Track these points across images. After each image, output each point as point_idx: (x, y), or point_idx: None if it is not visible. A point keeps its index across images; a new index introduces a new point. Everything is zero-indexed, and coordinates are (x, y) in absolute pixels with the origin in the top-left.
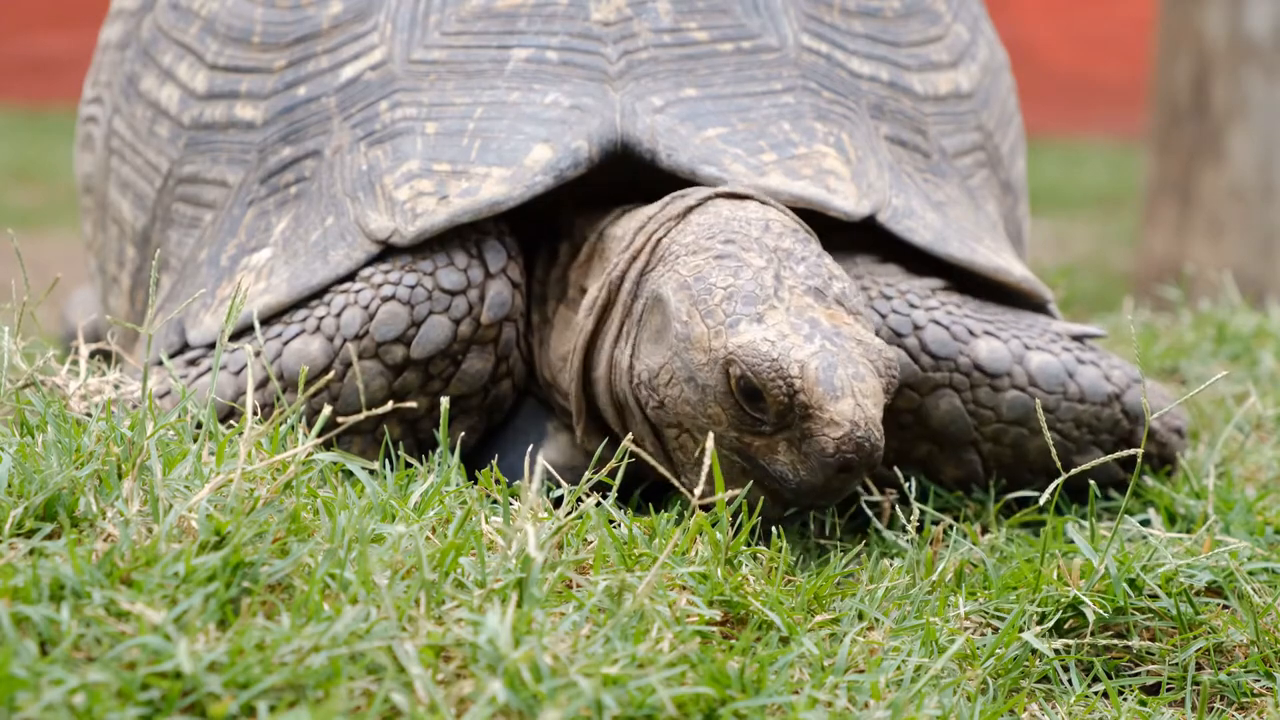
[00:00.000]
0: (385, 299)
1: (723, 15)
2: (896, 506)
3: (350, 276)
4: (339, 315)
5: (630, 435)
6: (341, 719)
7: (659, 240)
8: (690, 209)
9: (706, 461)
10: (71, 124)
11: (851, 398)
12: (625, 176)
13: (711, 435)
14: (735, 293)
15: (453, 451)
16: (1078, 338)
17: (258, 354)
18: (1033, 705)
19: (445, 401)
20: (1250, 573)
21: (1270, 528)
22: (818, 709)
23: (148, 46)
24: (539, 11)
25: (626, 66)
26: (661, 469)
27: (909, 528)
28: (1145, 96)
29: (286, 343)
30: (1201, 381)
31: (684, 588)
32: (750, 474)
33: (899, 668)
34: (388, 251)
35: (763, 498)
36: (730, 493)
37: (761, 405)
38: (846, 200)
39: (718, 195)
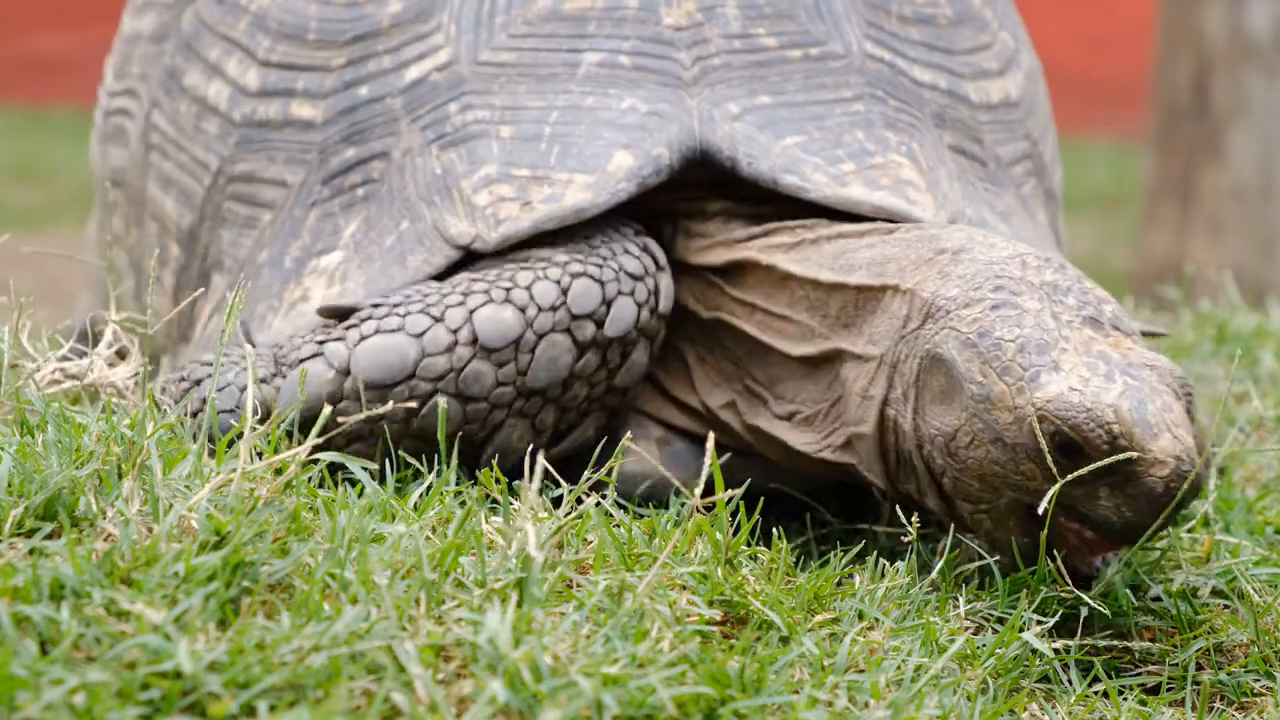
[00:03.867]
0: (575, 275)
1: (789, 21)
2: (897, 506)
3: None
4: (529, 287)
5: (630, 435)
6: (341, 719)
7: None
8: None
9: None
10: (72, 123)
11: (1168, 431)
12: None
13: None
14: (1025, 344)
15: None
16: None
17: (317, 356)
18: (1033, 705)
19: (443, 402)
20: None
21: (1270, 528)
22: (818, 709)
23: (190, 40)
24: (609, 15)
25: (701, 72)
26: (665, 473)
27: (910, 527)
28: (1145, 96)
29: (473, 311)
30: (1201, 381)
31: (684, 588)
32: (1068, 518)
33: (899, 668)
34: (467, 258)
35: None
36: (729, 493)
37: (1080, 457)
38: (925, 211)
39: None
